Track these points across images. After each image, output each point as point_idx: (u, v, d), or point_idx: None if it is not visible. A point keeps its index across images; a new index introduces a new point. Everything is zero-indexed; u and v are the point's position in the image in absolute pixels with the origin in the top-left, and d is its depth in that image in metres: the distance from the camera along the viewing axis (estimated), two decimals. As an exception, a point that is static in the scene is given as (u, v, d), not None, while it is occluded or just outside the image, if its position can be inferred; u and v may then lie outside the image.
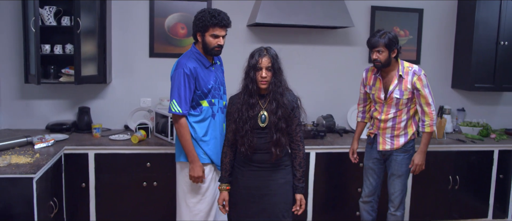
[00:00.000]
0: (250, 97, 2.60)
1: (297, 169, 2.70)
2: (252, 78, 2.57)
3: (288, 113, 2.61)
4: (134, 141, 3.69)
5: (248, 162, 2.67)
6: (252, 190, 2.68)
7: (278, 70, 2.60)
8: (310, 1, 3.99)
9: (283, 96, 2.60)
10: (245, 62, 2.62)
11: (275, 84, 2.58)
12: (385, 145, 3.27)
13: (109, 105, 4.19)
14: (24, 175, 2.76)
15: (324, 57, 4.45)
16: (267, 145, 2.61)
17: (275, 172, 2.67)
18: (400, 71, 3.18)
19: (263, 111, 2.61)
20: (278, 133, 2.58)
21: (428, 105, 3.17)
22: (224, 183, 2.77)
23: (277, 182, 2.67)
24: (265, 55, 2.57)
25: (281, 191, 2.67)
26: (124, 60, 4.16)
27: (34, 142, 3.46)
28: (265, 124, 2.59)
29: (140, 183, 3.64)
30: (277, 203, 2.66)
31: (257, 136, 2.61)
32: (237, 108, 2.63)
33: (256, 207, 2.68)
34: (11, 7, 3.92)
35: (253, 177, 2.68)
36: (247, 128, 2.58)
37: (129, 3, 4.10)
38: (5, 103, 4.05)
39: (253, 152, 2.62)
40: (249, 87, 2.59)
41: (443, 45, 4.68)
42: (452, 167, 4.11)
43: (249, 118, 2.59)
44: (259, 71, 2.56)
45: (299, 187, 2.71)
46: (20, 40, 3.88)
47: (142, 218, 3.68)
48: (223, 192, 2.76)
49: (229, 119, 2.71)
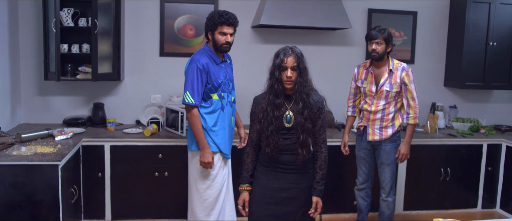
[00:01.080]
0: (276, 98, 2.55)
1: (317, 171, 2.66)
2: (277, 78, 2.52)
3: (314, 113, 2.57)
4: (146, 134, 3.96)
5: (273, 163, 2.64)
6: (273, 191, 2.64)
7: (304, 70, 2.55)
8: (311, 4, 4.26)
9: (309, 97, 2.56)
10: (270, 62, 2.59)
11: (301, 84, 2.53)
12: (375, 136, 3.55)
13: (122, 101, 4.46)
14: (50, 162, 3.02)
15: (323, 57, 4.72)
16: (292, 146, 2.57)
17: (299, 175, 2.63)
18: (390, 66, 3.46)
19: (288, 111, 2.57)
20: (305, 133, 2.54)
21: (413, 100, 3.46)
22: (245, 184, 2.73)
23: (299, 186, 2.64)
24: (291, 54, 2.52)
25: (302, 195, 2.65)
26: (136, 59, 4.44)
27: (55, 134, 3.73)
28: (291, 124, 2.56)
29: (152, 173, 3.91)
30: (298, 207, 2.64)
31: (282, 136, 2.58)
32: (262, 108, 2.60)
33: (276, 209, 2.63)
34: (32, 8, 4.19)
35: (276, 179, 2.64)
36: (272, 128, 2.55)
37: (141, 5, 4.38)
38: (25, 99, 4.32)
39: (278, 153, 2.59)
40: (274, 87, 2.54)
41: (436, 46, 4.96)
42: (444, 160, 4.37)
43: (275, 118, 2.55)
44: (285, 71, 2.51)
45: (317, 189, 2.66)
46: (40, 40, 4.16)
47: (154, 205, 3.95)
48: (244, 193, 2.72)
49: (253, 119, 2.69)
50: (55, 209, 3.05)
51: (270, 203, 2.64)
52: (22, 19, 4.20)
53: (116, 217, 3.92)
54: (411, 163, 4.26)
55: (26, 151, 3.18)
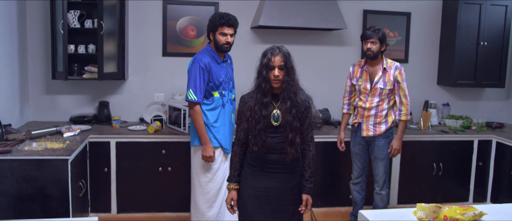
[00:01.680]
0: (263, 96, 2.56)
1: (306, 169, 2.68)
2: (265, 77, 2.53)
3: (301, 112, 2.59)
4: (150, 131, 4.13)
5: (261, 162, 2.64)
6: (261, 191, 2.64)
7: (291, 69, 2.56)
8: (308, 5, 4.43)
9: (296, 95, 2.57)
10: (257, 61, 2.60)
11: (288, 83, 2.54)
12: (369, 131, 3.72)
13: (126, 99, 4.63)
14: (60, 157, 3.19)
15: (320, 56, 4.89)
16: (280, 145, 2.58)
17: (287, 175, 2.64)
18: (384, 65, 3.64)
19: (276, 110, 2.58)
20: (293, 132, 2.55)
21: (405, 97, 3.63)
22: (233, 183, 2.74)
23: (288, 184, 2.64)
24: (278, 53, 2.53)
25: (291, 194, 2.65)
26: (140, 59, 4.61)
27: (63, 131, 3.90)
28: (278, 122, 2.56)
29: (156, 168, 4.09)
30: (287, 206, 2.65)
31: (270, 135, 2.58)
32: (249, 107, 2.60)
33: (265, 208, 2.64)
34: (39, 10, 4.36)
35: (264, 178, 2.64)
36: (260, 127, 2.55)
37: (145, 7, 4.54)
38: (33, 97, 4.49)
39: (266, 152, 2.59)
40: (262, 86, 2.55)
41: (429, 45, 5.13)
42: (436, 155, 4.55)
43: (262, 116, 2.55)
44: (272, 70, 2.53)
45: (306, 187, 2.67)
46: (48, 41, 4.33)
47: (158, 199, 4.13)
48: (232, 192, 2.73)
49: (240, 118, 2.68)
50: (65, 202, 3.22)
51: (259, 202, 2.64)
52: (30, 21, 4.36)
53: (121, 211, 4.10)
54: (404, 158, 4.44)
55: (37, 147, 3.34)
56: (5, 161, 3.09)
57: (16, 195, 3.12)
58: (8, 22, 3.89)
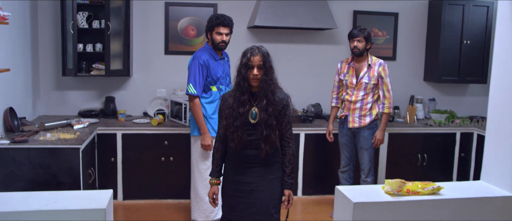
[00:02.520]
0: (242, 95, 2.63)
1: (287, 165, 2.73)
2: (243, 76, 2.61)
3: (278, 110, 2.65)
4: (154, 124, 4.45)
5: (239, 158, 2.71)
6: (241, 185, 2.72)
7: (269, 69, 2.62)
8: (301, 6, 4.74)
9: (274, 94, 2.63)
10: (237, 60, 2.69)
11: (266, 82, 2.60)
12: (354, 123, 4.03)
13: (131, 95, 4.95)
14: (72, 146, 3.51)
15: (313, 54, 5.20)
16: (257, 141, 2.64)
17: (264, 168, 2.70)
18: (369, 61, 3.95)
19: (254, 108, 2.64)
20: (268, 129, 2.62)
21: (388, 92, 3.95)
22: (215, 177, 2.83)
23: (266, 178, 2.70)
24: (257, 53, 2.60)
25: (269, 187, 2.71)
26: (143, 57, 4.92)
27: (73, 123, 4.22)
28: (256, 120, 2.63)
29: (159, 158, 4.41)
30: (266, 199, 2.70)
31: (247, 132, 2.64)
32: (228, 105, 2.68)
33: (246, 201, 2.71)
34: (50, 12, 4.67)
35: (243, 173, 2.72)
36: (237, 124, 2.62)
37: (148, 8, 4.86)
38: (44, 93, 4.81)
39: (242, 147, 2.66)
40: (241, 84, 2.63)
41: (416, 44, 5.44)
42: (421, 147, 4.86)
43: (240, 114, 2.63)
44: (251, 69, 2.59)
45: (288, 183, 2.74)
46: (58, 40, 4.65)
47: (160, 187, 4.45)
48: (214, 186, 2.82)
49: (220, 116, 2.77)
50: (77, 187, 3.53)
51: (240, 196, 2.71)
52: (41, 22, 4.68)
53: (127, 197, 4.42)
54: (391, 149, 4.75)
55: (51, 137, 3.67)
56: (22, 149, 3.41)
57: (32, 180, 3.43)
58: (22, 24, 4.20)
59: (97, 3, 4.52)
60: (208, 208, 3.78)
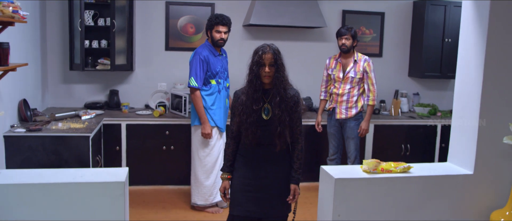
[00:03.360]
0: (255, 92, 2.66)
1: (295, 161, 2.75)
2: (256, 73, 2.64)
3: (290, 106, 2.69)
4: (155, 115, 4.78)
5: (252, 154, 2.75)
6: (253, 180, 2.75)
7: (281, 66, 2.67)
8: (293, 6, 5.08)
9: (286, 91, 2.68)
10: (249, 58, 2.73)
11: (278, 79, 2.65)
12: (341, 115, 4.38)
13: (134, 88, 5.27)
14: (82, 134, 3.83)
15: (304, 51, 5.55)
16: (270, 138, 2.68)
17: (276, 164, 2.75)
18: (355, 57, 4.30)
19: (266, 105, 2.69)
20: (281, 125, 2.65)
21: (372, 85, 4.30)
22: (226, 172, 2.85)
23: (277, 174, 2.75)
24: (268, 51, 2.64)
25: (279, 183, 2.76)
26: (145, 52, 5.25)
27: (81, 114, 4.53)
28: (269, 116, 2.67)
29: (161, 147, 4.74)
30: (277, 194, 2.74)
31: (261, 128, 2.68)
32: (241, 102, 2.71)
33: (256, 197, 2.74)
34: (57, 10, 4.98)
35: (255, 169, 2.75)
36: (251, 121, 2.66)
37: (150, 7, 5.18)
38: (52, 86, 5.12)
39: (256, 144, 2.71)
40: (253, 82, 2.66)
41: (401, 42, 5.80)
42: (404, 138, 5.22)
43: (253, 111, 2.66)
44: (263, 67, 2.63)
45: (295, 177, 2.76)
46: (65, 37, 4.96)
47: (162, 174, 4.78)
48: (225, 181, 2.85)
49: (233, 113, 2.80)
50: (86, 172, 3.86)
51: (250, 190, 2.74)
52: (49, 20, 4.98)
53: (131, 184, 4.73)
54: (377, 139, 5.11)
55: (62, 126, 3.99)
56: (37, 137, 3.73)
57: (46, 165, 3.73)
58: (33, 22, 4.50)
59: (102, 2, 4.83)
60: (207, 192, 4.13)
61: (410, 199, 2.54)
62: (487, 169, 2.59)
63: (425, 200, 2.56)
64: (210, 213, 4.19)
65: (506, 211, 2.46)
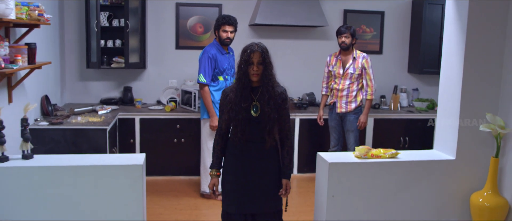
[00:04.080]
0: (243, 90, 2.70)
1: (285, 156, 2.81)
2: (244, 71, 2.68)
3: (278, 103, 2.74)
4: (167, 110, 5.10)
5: (241, 150, 2.78)
6: (243, 177, 2.79)
7: (269, 64, 2.70)
8: (296, 6, 5.36)
9: (274, 88, 2.72)
10: (238, 57, 2.77)
11: (266, 77, 2.68)
12: (342, 109, 4.66)
13: (146, 85, 5.59)
14: (100, 127, 4.15)
15: (307, 49, 5.83)
16: (259, 134, 2.74)
17: (265, 161, 2.79)
18: (354, 54, 4.57)
19: (255, 102, 2.73)
20: (270, 122, 2.71)
21: (370, 81, 4.57)
22: (215, 169, 2.88)
23: (267, 169, 2.80)
24: (257, 50, 2.67)
25: (270, 179, 2.81)
26: (157, 51, 5.56)
27: (97, 109, 4.86)
28: (258, 114, 2.71)
29: (172, 140, 5.06)
30: (267, 190, 2.80)
31: (249, 125, 2.73)
32: (230, 99, 2.75)
33: (247, 193, 2.79)
34: (75, 11, 5.31)
35: (244, 165, 2.79)
36: (240, 118, 2.70)
37: (161, 8, 5.49)
38: (69, 84, 5.45)
39: (245, 140, 2.74)
40: (242, 80, 2.70)
41: (400, 39, 6.05)
42: (403, 131, 5.48)
43: (242, 108, 2.70)
44: (251, 65, 2.66)
45: (286, 172, 2.82)
46: (83, 37, 5.29)
47: (173, 165, 5.10)
48: (214, 178, 2.86)
49: (222, 110, 2.84)
50: (104, 162, 4.18)
51: (241, 186, 2.79)
52: (67, 20, 5.31)
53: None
54: (376, 132, 5.38)
55: (81, 120, 4.32)
56: (59, 130, 4.06)
57: (67, 156, 4.07)
58: (52, 22, 4.83)
59: (116, 4, 5.16)
60: (215, 181, 4.44)
61: (398, 182, 2.81)
62: (468, 155, 2.86)
63: (411, 182, 2.83)
64: (218, 200, 4.49)
65: (484, 192, 2.73)
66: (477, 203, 2.73)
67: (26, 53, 3.29)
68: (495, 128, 2.61)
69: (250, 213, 2.82)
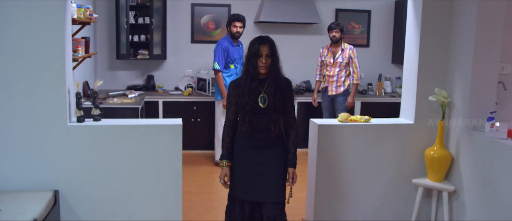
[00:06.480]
0: (252, 81, 2.76)
1: (291, 146, 2.89)
2: (253, 64, 2.75)
3: (285, 95, 2.83)
4: (185, 94, 6.02)
5: (248, 140, 2.86)
6: (250, 166, 2.87)
7: (276, 57, 2.79)
8: (294, 6, 6.27)
9: (280, 80, 2.81)
10: (246, 49, 2.87)
11: (274, 69, 2.77)
12: (332, 92, 5.58)
13: (166, 73, 6.52)
14: (133, 106, 5.08)
15: (303, 43, 6.75)
16: (266, 125, 2.80)
17: (272, 150, 2.87)
18: (342, 47, 5.50)
19: (263, 93, 2.79)
20: (277, 113, 2.78)
21: (356, 68, 5.49)
22: (225, 160, 2.94)
23: (273, 158, 2.87)
24: (265, 43, 2.76)
25: (276, 168, 2.88)
26: (175, 44, 6.48)
27: (127, 93, 5.78)
28: (265, 105, 2.78)
29: (190, 119, 5.99)
30: (274, 179, 2.87)
31: (257, 116, 2.79)
32: (238, 91, 2.82)
33: (254, 182, 2.87)
34: (105, 10, 6.22)
35: (253, 154, 2.86)
36: (247, 109, 2.77)
37: (178, 7, 6.40)
38: (100, 72, 6.38)
39: (253, 130, 2.81)
40: (250, 72, 2.77)
41: (385, 34, 6.97)
42: (386, 113, 6.39)
43: (250, 99, 2.76)
44: (260, 57, 2.74)
45: (292, 161, 2.89)
46: (112, 32, 6.21)
47: (190, 141, 6.02)
48: (224, 168, 2.93)
49: (230, 102, 2.90)
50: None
51: (250, 175, 2.87)
52: (99, 19, 6.21)
53: (166, 148, 5.99)
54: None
55: (117, 101, 5.24)
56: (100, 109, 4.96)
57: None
58: (89, 20, 5.76)
59: (142, 4, 6.08)
60: (227, 151, 5.35)
61: (370, 140, 3.73)
62: (423, 120, 3.77)
63: (381, 141, 3.75)
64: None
65: (435, 147, 3.63)
66: (429, 155, 3.63)
67: (83, 44, 4.21)
68: (440, 98, 3.52)
69: (256, 202, 2.91)
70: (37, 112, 3.12)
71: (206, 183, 4.95)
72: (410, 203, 3.83)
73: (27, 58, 3.06)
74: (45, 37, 3.06)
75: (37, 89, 3.10)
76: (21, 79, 3.07)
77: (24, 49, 3.05)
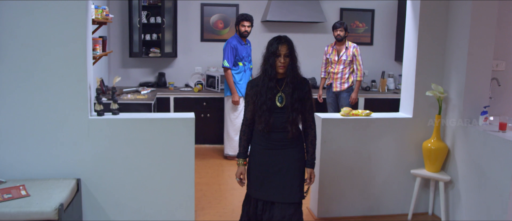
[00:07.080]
0: (270, 81, 2.76)
1: (309, 146, 2.89)
2: (271, 63, 2.74)
3: (303, 94, 2.82)
4: (195, 90, 6.28)
5: (266, 140, 2.84)
6: (268, 166, 2.85)
7: (295, 57, 2.80)
8: (300, 5, 6.50)
9: (298, 80, 2.80)
10: (264, 49, 2.83)
11: (292, 69, 2.77)
12: (337, 88, 5.81)
13: (177, 71, 6.77)
14: (147, 101, 5.33)
15: (309, 41, 6.97)
16: (283, 124, 2.78)
17: (289, 150, 2.85)
18: (346, 45, 5.72)
19: (280, 93, 2.79)
20: (294, 112, 2.76)
21: (360, 65, 5.71)
22: (241, 158, 2.96)
23: (291, 158, 2.85)
24: (284, 43, 2.75)
25: (294, 167, 2.86)
26: (185, 43, 6.73)
27: (140, 90, 6.05)
28: (282, 104, 2.77)
29: (199, 115, 6.24)
30: (291, 178, 2.84)
31: (274, 116, 2.78)
32: (256, 91, 2.81)
33: (272, 181, 2.85)
34: (118, 10, 6.49)
35: (269, 154, 2.85)
36: (265, 108, 2.75)
37: (189, 7, 6.65)
38: (113, 70, 6.65)
39: (270, 130, 2.80)
40: (268, 72, 2.76)
41: (388, 33, 7.18)
42: (389, 108, 6.61)
43: (268, 99, 2.76)
44: (278, 57, 2.74)
45: (311, 162, 2.89)
46: (124, 31, 6.48)
47: (201, 135, 6.25)
48: (241, 167, 2.96)
49: (247, 101, 2.90)
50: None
51: (265, 175, 2.87)
52: (114, 18, 6.48)
53: (177, 143, 6.25)
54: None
55: (131, 97, 5.51)
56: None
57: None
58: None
59: (153, 4, 6.33)
60: (235, 145, 5.61)
61: (371, 133, 3.96)
62: (421, 114, 4.00)
63: (381, 134, 3.98)
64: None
65: (432, 139, 3.86)
66: (427, 147, 3.86)
67: (100, 43, 4.48)
68: (437, 93, 3.74)
69: (271, 201, 2.89)
70: (61, 106, 3.39)
71: (216, 175, 5.20)
72: (408, 192, 4.07)
73: (53, 56, 3.32)
74: (69, 36, 3.32)
75: (61, 85, 3.36)
76: (47, 76, 3.34)
77: (49, 48, 3.31)
